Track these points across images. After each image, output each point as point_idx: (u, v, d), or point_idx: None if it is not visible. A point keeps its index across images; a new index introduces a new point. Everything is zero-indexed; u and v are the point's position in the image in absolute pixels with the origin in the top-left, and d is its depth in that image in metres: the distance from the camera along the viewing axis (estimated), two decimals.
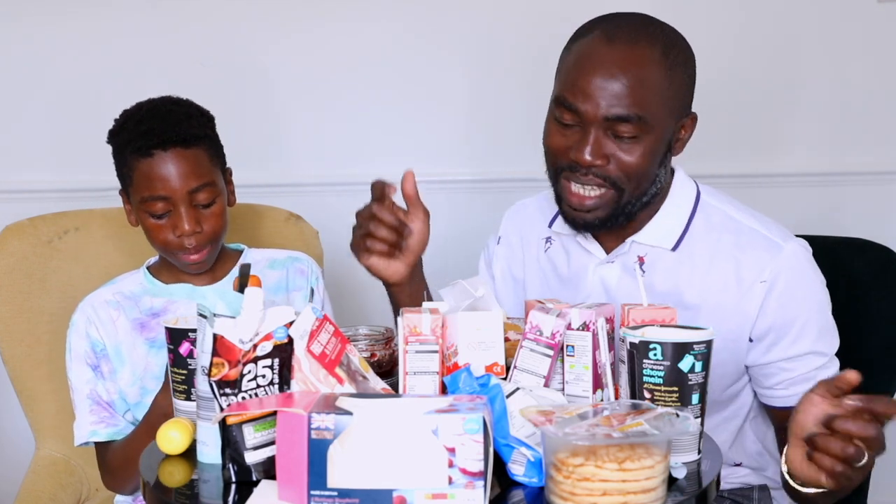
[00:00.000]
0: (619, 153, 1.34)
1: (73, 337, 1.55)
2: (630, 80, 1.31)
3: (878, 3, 2.30)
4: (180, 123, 1.50)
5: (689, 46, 1.41)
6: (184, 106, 1.56)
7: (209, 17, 2.20)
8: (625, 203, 1.37)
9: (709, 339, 1.09)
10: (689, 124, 1.42)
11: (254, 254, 1.67)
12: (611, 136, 1.33)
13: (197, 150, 1.50)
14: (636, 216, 1.41)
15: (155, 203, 1.48)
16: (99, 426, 1.52)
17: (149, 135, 1.48)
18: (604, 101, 1.31)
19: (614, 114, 1.31)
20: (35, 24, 2.15)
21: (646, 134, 1.33)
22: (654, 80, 1.33)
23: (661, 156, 1.37)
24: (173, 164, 1.47)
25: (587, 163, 1.34)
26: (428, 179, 2.26)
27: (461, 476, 0.94)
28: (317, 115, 2.26)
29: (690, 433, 1.08)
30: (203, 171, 1.50)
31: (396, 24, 2.26)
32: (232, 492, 1.04)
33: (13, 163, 2.17)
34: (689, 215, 1.43)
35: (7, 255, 1.75)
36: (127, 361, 1.55)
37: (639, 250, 1.43)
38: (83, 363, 1.54)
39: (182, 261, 1.53)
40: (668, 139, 1.38)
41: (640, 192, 1.37)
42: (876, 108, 2.34)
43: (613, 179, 1.35)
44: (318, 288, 1.68)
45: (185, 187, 1.48)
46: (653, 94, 1.32)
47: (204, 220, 1.51)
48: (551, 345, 1.16)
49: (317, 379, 1.09)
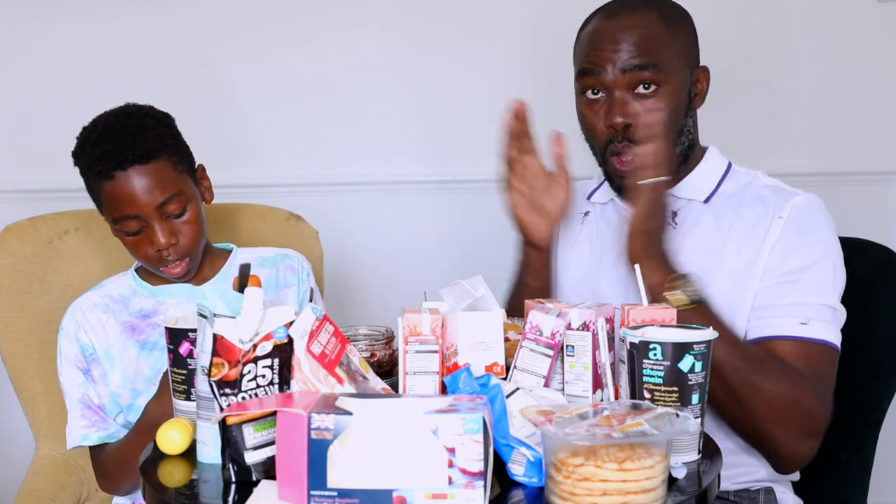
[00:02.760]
0: (643, 107, 1.44)
1: (64, 341, 1.55)
2: (636, 38, 1.44)
3: (878, 3, 2.30)
4: (136, 139, 1.46)
5: (684, 8, 1.53)
6: (138, 118, 1.52)
7: (208, 17, 2.20)
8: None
9: (709, 338, 1.09)
10: (702, 77, 1.52)
11: (243, 252, 1.66)
12: (634, 96, 1.44)
13: (158, 163, 1.47)
14: (676, 171, 1.49)
15: (127, 222, 1.48)
16: (90, 430, 1.52)
17: (106, 157, 1.45)
18: (619, 59, 1.44)
19: (631, 64, 1.43)
20: (34, 26, 2.15)
21: (664, 84, 1.44)
22: (657, 34, 1.45)
23: (684, 107, 1.48)
24: (136, 181, 1.45)
25: (620, 124, 1.44)
26: (428, 179, 2.29)
27: (461, 476, 0.94)
28: (317, 115, 2.26)
29: (690, 433, 1.08)
30: (168, 183, 1.47)
31: (396, 26, 2.25)
32: (232, 492, 1.04)
33: (14, 163, 2.17)
34: (720, 177, 1.54)
35: (7, 255, 1.75)
36: (118, 364, 1.55)
37: (673, 204, 1.50)
38: (74, 367, 1.54)
39: (166, 273, 1.53)
40: (686, 89, 1.48)
41: (671, 144, 1.45)
42: (876, 108, 2.34)
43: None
44: (308, 284, 1.67)
45: (152, 203, 1.46)
46: (660, 45, 1.45)
47: (178, 230, 1.49)
48: (551, 345, 1.16)
49: (317, 379, 1.09)
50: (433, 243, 2.29)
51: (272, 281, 1.63)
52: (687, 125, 1.50)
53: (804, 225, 1.46)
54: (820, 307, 1.41)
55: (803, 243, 1.44)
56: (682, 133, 1.49)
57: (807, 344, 1.38)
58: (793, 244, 1.44)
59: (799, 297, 1.41)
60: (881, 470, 1.67)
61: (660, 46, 1.45)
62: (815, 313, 1.40)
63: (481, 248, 2.05)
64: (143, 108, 1.55)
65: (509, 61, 2.24)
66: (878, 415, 1.60)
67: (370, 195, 2.29)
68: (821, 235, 1.46)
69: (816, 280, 1.43)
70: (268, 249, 1.70)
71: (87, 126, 1.54)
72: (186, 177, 1.53)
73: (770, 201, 1.49)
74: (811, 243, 1.45)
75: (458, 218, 2.28)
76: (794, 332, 1.39)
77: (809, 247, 1.44)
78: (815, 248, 1.44)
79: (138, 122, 1.50)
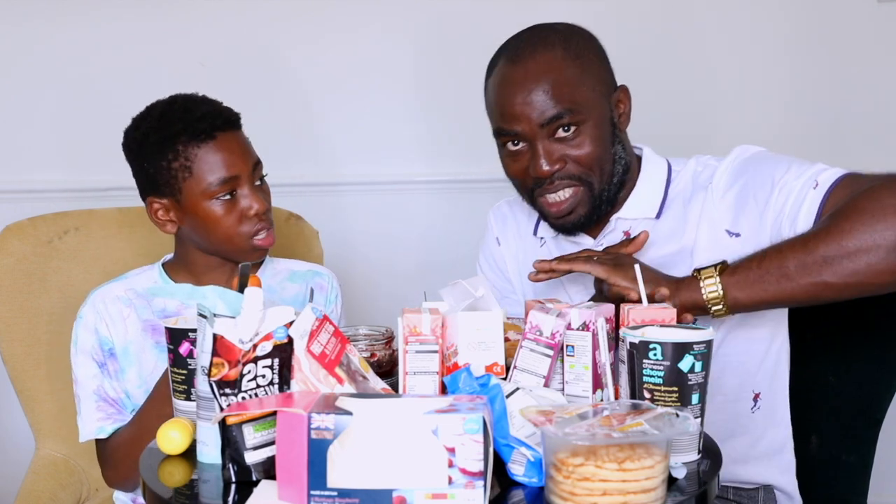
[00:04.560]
0: (570, 150, 1.42)
1: (81, 331, 1.52)
2: (546, 85, 1.41)
3: (878, 3, 2.30)
4: (224, 108, 1.51)
5: (586, 31, 1.49)
6: (206, 98, 1.54)
7: (209, 18, 2.20)
8: (599, 192, 1.45)
9: (709, 338, 1.09)
10: (623, 98, 1.49)
11: (275, 264, 1.65)
12: (556, 140, 1.42)
13: (242, 132, 1.52)
14: (616, 199, 1.49)
15: (223, 186, 1.46)
16: (106, 422, 1.49)
17: (206, 119, 1.46)
18: (534, 112, 1.41)
19: (547, 117, 1.40)
20: (34, 26, 2.15)
21: (584, 123, 1.42)
22: (566, 75, 1.42)
23: (609, 136, 1.45)
24: (237, 143, 1.48)
25: (547, 173, 1.42)
26: (429, 179, 2.29)
27: (461, 476, 0.94)
28: (317, 115, 2.26)
29: (690, 433, 1.08)
30: (253, 149, 1.52)
31: (396, 27, 2.26)
32: (232, 492, 1.04)
33: (14, 163, 2.17)
34: (664, 185, 1.51)
35: (7, 255, 1.75)
36: (134, 362, 1.52)
37: (623, 226, 1.50)
38: (89, 358, 1.51)
39: (254, 245, 1.50)
40: (608, 119, 1.45)
41: (607, 175, 1.45)
42: (876, 108, 2.34)
43: (578, 176, 1.44)
44: (336, 305, 1.66)
45: (250, 164, 1.49)
46: (571, 86, 1.41)
47: (265, 198, 1.51)
48: (551, 345, 1.16)
49: (317, 379, 1.09)
50: (433, 243, 2.29)
51: (300, 297, 1.61)
52: (617, 152, 1.46)
53: (740, 164, 1.44)
54: (812, 173, 1.38)
55: (748, 169, 1.43)
56: (614, 162, 1.46)
57: (835, 191, 1.34)
58: (744, 179, 1.42)
59: (793, 187, 1.38)
60: (881, 470, 1.67)
61: (571, 88, 1.41)
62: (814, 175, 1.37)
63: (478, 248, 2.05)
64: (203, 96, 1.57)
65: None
66: (877, 415, 1.60)
67: (370, 195, 2.29)
68: (758, 155, 1.46)
69: (788, 168, 1.40)
70: (300, 263, 1.69)
71: (151, 106, 1.52)
72: None
73: (702, 178, 1.48)
74: (756, 163, 1.44)
75: (458, 218, 2.28)
76: (818, 199, 1.34)
77: (757, 165, 1.43)
78: (762, 161, 1.43)
79: (210, 100, 1.53)
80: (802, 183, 1.37)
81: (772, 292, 1.28)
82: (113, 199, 1.73)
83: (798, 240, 1.30)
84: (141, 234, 1.81)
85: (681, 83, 2.31)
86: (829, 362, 1.62)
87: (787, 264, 1.27)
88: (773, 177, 1.40)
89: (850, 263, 1.25)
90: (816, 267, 1.26)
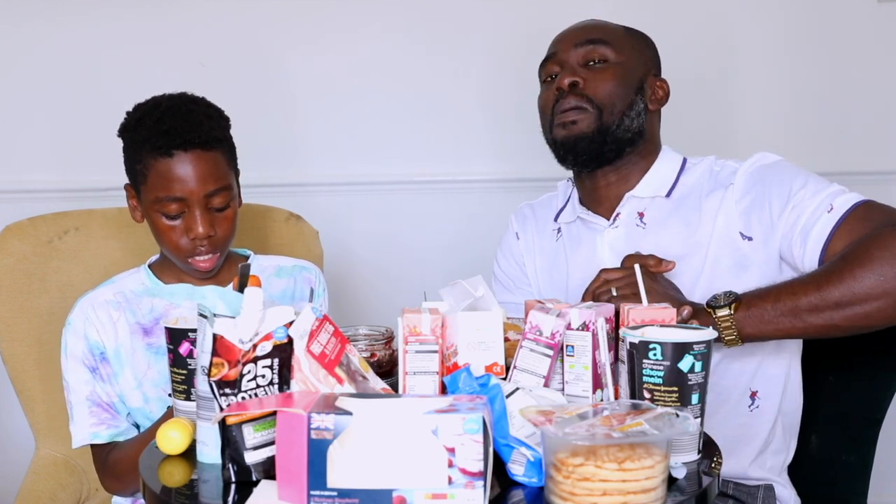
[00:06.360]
0: (592, 75, 1.54)
1: (70, 337, 1.52)
2: (593, 24, 1.60)
3: (878, 3, 2.30)
4: (201, 125, 1.46)
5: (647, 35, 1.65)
6: (202, 106, 1.52)
7: (209, 18, 2.20)
8: (606, 126, 1.53)
9: (709, 338, 1.09)
10: (662, 84, 1.61)
11: (261, 260, 1.66)
12: (585, 67, 1.55)
13: (216, 153, 1.47)
14: (623, 154, 1.56)
15: (170, 204, 1.45)
16: (100, 428, 1.49)
17: (169, 134, 1.44)
18: (575, 35, 1.58)
19: (584, 38, 1.56)
20: (34, 26, 2.15)
21: (615, 63, 1.55)
22: (617, 31, 1.59)
23: (632, 88, 1.55)
24: (192, 165, 1.44)
25: (566, 84, 1.54)
26: (429, 180, 2.29)
27: (461, 476, 0.94)
28: (317, 115, 2.26)
29: (690, 433, 1.08)
30: (221, 175, 1.47)
31: (396, 27, 2.26)
32: (232, 492, 1.04)
33: (14, 163, 2.17)
34: (678, 170, 1.59)
35: (7, 255, 1.75)
36: (126, 365, 1.52)
37: (637, 205, 1.56)
38: (80, 364, 1.51)
39: (191, 266, 1.50)
40: (637, 77, 1.57)
41: (617, 114, 1.54)
42: (876, 108, 2.34)
43: (590, 97, 1.53)
44: (323, 299, 1.66)
45: (202, 190, 1.45)
46: (619, 36, 1.58)
47: (217, 223, 1.48)
48: (551, 345, 1.16)
49: (317, 379, 1.09)
50: (433, 243, 2.29)
51: (288, 292, 1.63)
52: (636, 106, 1.55)
53: (758, 169, 1.50)
54: (827, 194, 1.43)
55: (767, 178, 1.48)
56: (629, 107, 1.54)
57: (849, 219, 1.39)
58: (761, 186, 1.47)
59: (807, 205, 1.42)
60: (881, 470, 1.67)
61: (618, 36, 1.57)
62: (830, 197, 1.42)
63: (481, 248, 2.05)
64: (204, 99, 1.55)
65: (510, 62, 2.24)
66: (877, 415, 1.60)
67: (370, 195, 2.29)
68: (778, 164, 1.50)
69: (805, 184, 1.45)
70: (286, 259, 1.69)
71: (145, 102, 1.52)
72: (234, 176, 1.54)
73: (725, 178, 1.52)
74: (775, 172, 1.48)
75: (458, 218, 2.29)
76: (830, 224, 1.40)
77: (776, 175, 1.48)
78: (781, 171, 1.48)
79: (204, 110, 1.51)
80: (817, 203, 1.42)
81: (784, 331, 1.35)
82: (113, 199, 1.73)
83: (811, 282, 1.34)
84: (141, 235, 1.81)
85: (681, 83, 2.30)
86: (830, 362, 1.62)
87: (799, 306, 1.33)
88: (790, 189, 1.45)
89: (860, 308, 1.31)
90: (828, 310, 1.32)
